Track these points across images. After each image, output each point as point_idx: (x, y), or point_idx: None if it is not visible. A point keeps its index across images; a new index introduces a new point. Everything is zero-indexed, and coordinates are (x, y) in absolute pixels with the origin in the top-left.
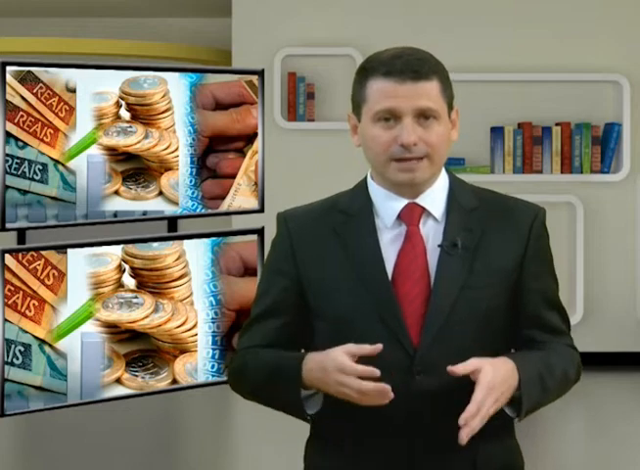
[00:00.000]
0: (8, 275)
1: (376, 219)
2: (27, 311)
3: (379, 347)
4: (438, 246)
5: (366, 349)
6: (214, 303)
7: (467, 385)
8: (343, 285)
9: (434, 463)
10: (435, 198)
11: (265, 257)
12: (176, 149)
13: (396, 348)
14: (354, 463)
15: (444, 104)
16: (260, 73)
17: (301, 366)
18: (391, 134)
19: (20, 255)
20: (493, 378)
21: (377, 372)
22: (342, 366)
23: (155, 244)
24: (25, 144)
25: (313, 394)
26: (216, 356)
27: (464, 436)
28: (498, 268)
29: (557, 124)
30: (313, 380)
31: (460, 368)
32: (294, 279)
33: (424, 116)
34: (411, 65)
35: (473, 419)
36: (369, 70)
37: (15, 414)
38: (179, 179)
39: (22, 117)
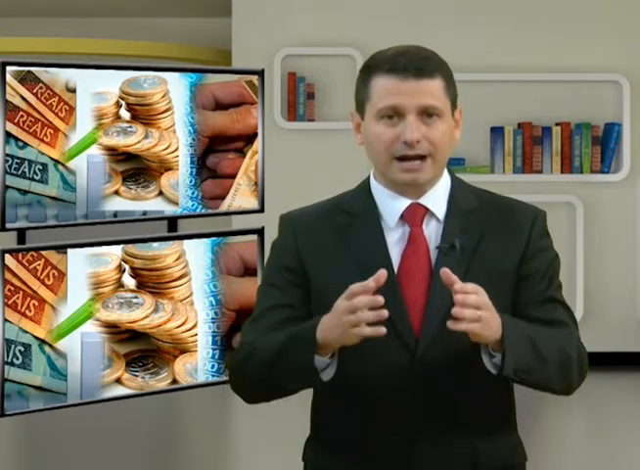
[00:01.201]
0: (8, 275)
1: (380, 220)
2: (27, 311)
3: (383, 272)
4: (436, 247)
5: (371, 283)
6: (214, 303)
7: (468, 384)
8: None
9: (436, 460)
10: (438, 198)
11: (265, 259)
12: (176, 149)
13: (400, 347)
14: (354, 461)
15: (448, 102)
16: (260, 73)
17: (315, 327)
18: (395, 132)
19: (20, 255)
20: (488, 302)
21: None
22: (349, 290)
23: (155, 244)
24: (25, 144)
25: (325, 367)
26: (216, 356)
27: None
28: (496, 270)
29: (557, 124)
30: (324, 332)
31: (455, 277)
32: (300, 276)
33: (427, 113)
34: (415, 62)
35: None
36: (372, 67)
37: (15, 414)
38: (179, 179)
39: (22, 117)
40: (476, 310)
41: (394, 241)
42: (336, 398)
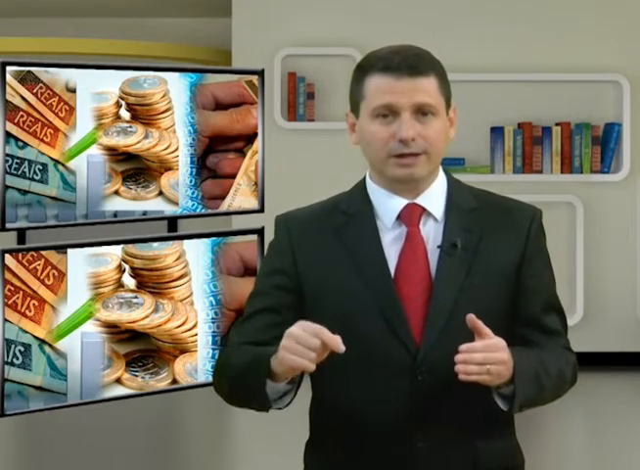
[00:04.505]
0: (8, 275)
1: (377, 220)
2: (27, 311)
3: (338, 341)
4: (438, 247)
5: (328, 336)
6: (214, 303)
7: (467, 386)
8: (346, 286)
9: (435, 463)
10: (435, 198)
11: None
12: (176, 149)
13: (399, 348)
14: (353, 464)
15: (442, 100)
16: (260, 73)
17: (272, 355)
18: (390, 130)
19: (20, 255)
20: (503, 346)
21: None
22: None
23: (155, 244)
24: (25, 144)
25: (286, 391)
26: (216, 356)
27: (459, 365)
28: (497, 269)
29: (557, 124)
30: (277, 360)
31: (480, 323)
32: (292, 279)
33: (422, 111)
34: (409, 60)
35: (471, 352)
36: (366, 66)
37: (15, 414)
38: (179, 179)
39: (22, 117)
40: (483, 366)
41: (391, 241)
42: (336, 398)
